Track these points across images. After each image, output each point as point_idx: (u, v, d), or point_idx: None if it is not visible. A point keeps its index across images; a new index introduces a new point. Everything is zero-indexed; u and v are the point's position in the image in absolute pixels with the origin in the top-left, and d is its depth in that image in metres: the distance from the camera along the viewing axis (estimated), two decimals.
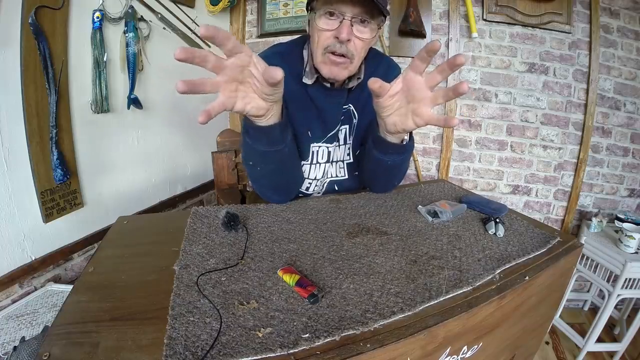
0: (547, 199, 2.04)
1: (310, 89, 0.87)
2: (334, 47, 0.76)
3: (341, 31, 0.73)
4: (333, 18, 0.74)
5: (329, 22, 0.75)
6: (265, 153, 0.72)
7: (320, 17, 0.75)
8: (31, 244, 1.15)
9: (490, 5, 1.81)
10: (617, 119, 1.92)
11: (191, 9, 1.77)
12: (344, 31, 0.73)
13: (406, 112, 0.67)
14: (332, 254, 0.62)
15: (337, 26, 0.74)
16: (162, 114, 1.67)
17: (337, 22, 0.74)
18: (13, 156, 1.07)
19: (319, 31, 0.77)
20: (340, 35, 0.74)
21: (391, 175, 0.89)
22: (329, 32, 0.76)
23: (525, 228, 0.75)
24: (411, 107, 0.66)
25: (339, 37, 0.74)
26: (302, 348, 0.41)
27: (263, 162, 0.76)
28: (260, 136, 0.69)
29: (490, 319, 0.54)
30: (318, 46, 0.78)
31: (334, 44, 0.76)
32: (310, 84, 0.86)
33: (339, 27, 0.74)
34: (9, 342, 0.93)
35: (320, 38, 0.77)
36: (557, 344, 1.86)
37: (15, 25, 1.02)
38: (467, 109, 1.95)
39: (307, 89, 0.87)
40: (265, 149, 0.71)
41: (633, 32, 1.83)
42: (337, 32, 0.74)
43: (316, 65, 0.82)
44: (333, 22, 0.75)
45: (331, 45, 0.76)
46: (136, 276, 0.56)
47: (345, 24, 0.73)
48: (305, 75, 0.86)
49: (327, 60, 0.79)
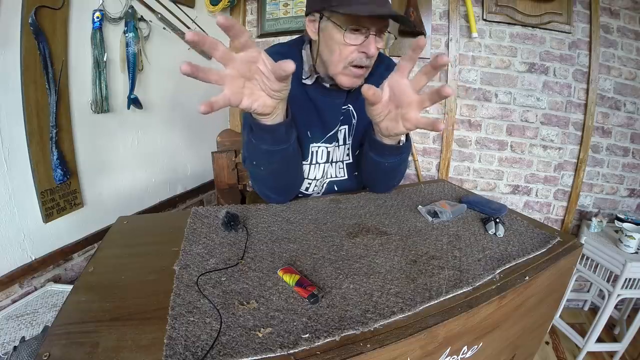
0: (547, 199, 2.04)
1: (309, 89, 0.87)
2: (360, 61, 0.78)
3: (370, 48, 0.75)
4: (357, 33, 0.75)
5: (354, 37, 0.75)
6: (270, 152, 0.72)
7: (345, 33, 0.75)
8: (31, 244, 1.15)
9: (490, 5, 1.81)
10: (617, 119, 1.92)
11: (191, 9, 1.77)
12: (372, 47, 0.75)
13: (396, 116, 0.67)
14: (332, 254, 0.62)
15: (363, 41, 0.76)
16: (162, 114, 1.67)
17: (362, 37, 0.75)
18: (13, 156, 1.07)
19: (342, 45, 0.77)
20: (369, 51, 0.76)
21: (390, 176, 0.89)
22: (353, 47, 0.76)
23: (525, 228, 0.75)
24: (400, 112, 0.66)
25: (367, 52, 0.76)
26: (302, 348, 0.41)
27: (267, 161, 0.75)
28: (266, 135, 0.69)
29: (490, 319, 0.54)
30: (340, 59, 0.78)
31: (360, 59, 0.77)
32: (310, 84, 0.86)
33: (366, 43, 0.75)
34: (9, 342, 0.93)
35: (344, 52, 0.77)
36: (557, 344, 1.86)
37: (15, 25, 1.02)
38: (467, 109, 1.95)
39: (307, 89, 0.87)
40: (270, 148, 0.71)
41: (633, 32, 1.83)
42: (364, 48, 0.76)
43: (333, 75, 0.82)
44: (357, 37, 0.75)
45: (357, 60, 0.77)
46: (136, 276, 0.56)
47: (371, 39, 0.75)
48: (305, 76, 0.86)
49: (349, 73, 0.80)
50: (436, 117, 1.98)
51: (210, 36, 0.49)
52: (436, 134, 2.00)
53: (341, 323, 0.45)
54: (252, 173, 0.81)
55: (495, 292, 0.54)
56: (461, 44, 1.88)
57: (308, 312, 0.47)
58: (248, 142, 0.73)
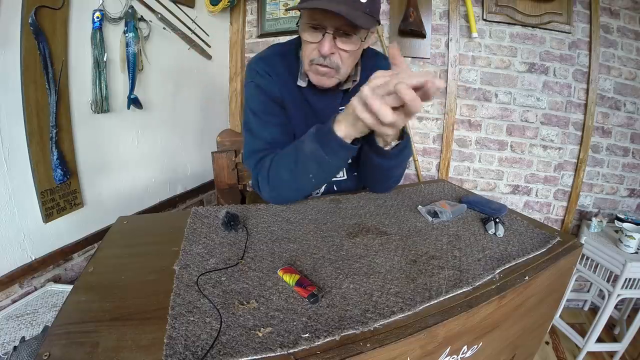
0: (547, 199, 2.04)
1: (305, 90, 0.88)
2: (317, 60, 0.77)
3: (322, 46, 0.73)
4: (316, 31, 0.74)
5: (312, 34, 0.75)
6: (336, 167, 0.74)
7: (304, 29, 0.75)
8: (31, 244, 1.15)
9: (490, 5, 1.81)
10: (617, 119, 1.92)
11: (191, 9, 1.77)
12: (325, 46, 0.73)
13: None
14: (332, 254, 0.62)
15: (320, 39, 0.74)
16: (162, 114, 1.67)
17: (320, 35, 0.74)
18: (13, 156, 1.07)
19: (305, 43, 0.77)
20: (321, 50, 0.74)
21: (389, 175, 0.89)
22: (313, 45, 0.76)
23: (525, 228, 0.75)
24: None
25: (320, 50, 0.74)
26: (302, 348, 0.41)
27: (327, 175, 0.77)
28: (346, 154, 0.70)
29: (490, 318, 0.54)
30: (305, 57, 0.79)
31: (317, 58, 0.76)
32: (304, 86, 0.86)
33: (321, 41, 0.74)
34: (9, 342, 0.93)
35: (306, 50, 0.78)
36: (557, 344, 1.86)
37: (15, 25, 1.02)
38: (467, 109, 1.95)
39: (303, 90, 0.88)
40: (342, 165, 0.73)
41: (633, 32, 1.83)
42: (319, 46, 0.74)
43: (305, 71, 0.83)
44: (316, 35, 0.75)
45: (315, 59, 0.77)
46: (136, 276, 0.56)
47: (327, 38, 0.73)
48: (300, 78, 0.87)
49: (314, 70, 0.80)
50: (436, 117, 1.98)
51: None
52: (436, 134, 2.00)
53: (341, 323, 0.45)
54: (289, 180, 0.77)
55: (495, 292, 0.54)
56: (461, 44, 1.88)
57: (308, 312, 0.47)
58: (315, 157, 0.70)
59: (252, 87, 0.86)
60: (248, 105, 0.87)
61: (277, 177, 0.79)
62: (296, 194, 0.82)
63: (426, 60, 1.92)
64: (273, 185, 0.80)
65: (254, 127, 0.86)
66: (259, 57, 0.89)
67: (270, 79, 0.85)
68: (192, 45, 1.78)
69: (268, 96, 0.85)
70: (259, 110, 0.85)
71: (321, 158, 0.70)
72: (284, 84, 0.86)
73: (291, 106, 0.87)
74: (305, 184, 0.78)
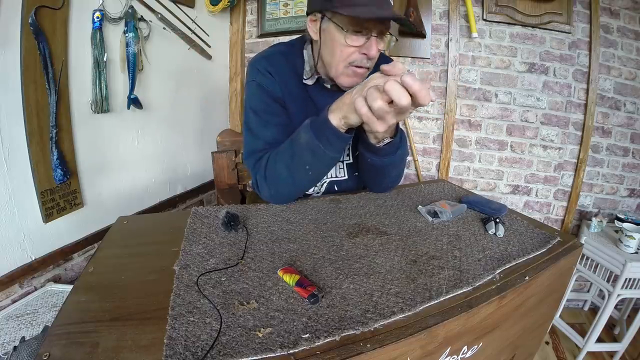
0: (547, 199, 2.04)
1: (310, 89, 0.87)
2: (360, 62, 0.78)
3: (371, 49, 0.76)
4: (359, 35, 0.76)
5: (355, 38, 0.76)
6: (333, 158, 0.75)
7: (347, 34, 0.75)
8: (31, 244, 1.15)
9: (490, 5, 1.81)
10: (617, 119, 1.92)
11: (191, 9, 1.77)
12: (374, 49, 0.76)
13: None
14: (332, 254, 0.62)
15: (364, 42, 0.76)
16: (162, 114, 1.67)
17: (364, 38, 0.76)
18: (13, 156, 1.07)
19: (343, 46, 0.77)
20: (370, 53, 0.76)
21: (384, 174, 0.88)
22: (354, 48, 0.77)
23: (525, 228, 0.75)
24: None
25: (368, 54, 0.77)
26: (302, 348, 0.41)
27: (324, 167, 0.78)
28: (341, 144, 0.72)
29: (490, 319, 0.54)
30: (341, 60, 0.79)
31: (361, 60, 0.78)
32: (311, 84, 0.86)
33: (368, 45, 0.76)
34: (9, 342, 0.93)
35: (344, 53, 0.78)
36: (557, 344, 1.86)
37: (15, 25, 1.02)
38: (467, 109, 1.95)
39: (308, 89, 0.87)
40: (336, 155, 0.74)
41: (633, 32, 1.83)
42: (366, 50, 0.76)
43: (334, 75, 0.82)
44: (359, 39, 0.76)
45: (357, 61, 0.78)
46: (136, 276, 0.56)
47: (373, 41, 0.75)
48: (306, 76, 0.86)
49: (349, 73, 0.80)
50: (436, 117, 1.98)
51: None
52: (436, 134, 2.00)
53: (341, 323, 0.45)
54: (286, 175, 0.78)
55: (495, 292, 0.54)
56: (461, 44, 1.88)
57: (308, 312, 0.47)
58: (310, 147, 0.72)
59: (254, 86, 0.86)
60: (249, 104, 0.87)
61: (274, 173, 0.79)
62: (293, 188, 0.82)
63: (426, 60, 1.92)
64: (271, 183, 0.81)
65: (254, 126, 0.86)
66: (262, 56, 0.89)
67: (272, 78, 0.85)
68: (192, 45, 1.78)
69: (269, 95, 0.85)
70: (260, 110, 0.85)
71: (316, 147, 0.71)
72: (286, 83, 0.86)
73: (293, 105, 0.87)
74: (302, 177, 0.78)
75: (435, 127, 1.99)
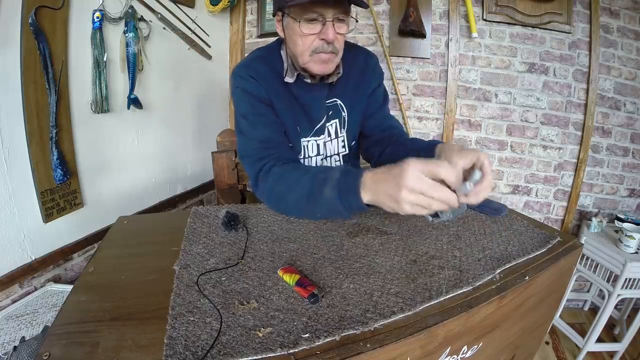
0: (547, 199, 2.04)
1: (292, 86, 0.90)
2: (322, 48, 0.80)
3: (327, 34, 0.78)
4: (314, 22, 0.78)
5: (311, 26, 0.78)
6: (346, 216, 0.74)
7: (301, 23, 0.78)
8: (31, 244, 1.15)
9: (490, 5, 1.81)
10: (617, 119, 1.92)
11: (191, 9, 1.77)
12: (330, 33, 0.77)
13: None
14: (332, 254, 0.62)
15: (321, 29, 0.78)
16: (162, 114, 1.67)
17: (319, 24, 0.78)
18: (13, 156, 1.07)
19: (302, 36, 0.79)
20: (327, 37, 0.78)
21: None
22: (313, 36, 0.79)
23: (525, 228, 0.75)
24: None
25: (326, 38, 0.78)
26: (302, 348, 0.41)
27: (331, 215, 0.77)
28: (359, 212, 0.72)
29: (490, 319, 0.54)
30: (304, 49, 0.81)
31: (322, 46, 0.80)
32: (292, 82, 0.89)
33: (324, 30, 0.78)
34: (9, 342, 0.93)
35: (305, 42, 0.80)
36: (557, 344, 1.86)
37: (15, 25, 1.02)
38: (467, 108, 1.95)
39: (290, 87, 0.90)
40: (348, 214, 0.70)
41: (633, 32, 1.82)
42: (323, 35, 0.78)
43: (303, 65, 0.84)
44: (315, 26, 0.78)
45: (319, 47, 0.80)
46: (136, 276, 0.56)
47: (328, 25, 0.77)
48: (287, 75, 0.89)
49: (316, 60, 0.82)
50: (436, 117, 1.98)
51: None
52: (436, 134, 2.00)
53: (341, 323, 0.45)
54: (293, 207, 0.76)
55: (495, 292, 0.54)
56: (461, 44, 1.88)
57: (308, 312, 0.47)
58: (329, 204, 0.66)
59: (239, 92, 0.88)
60: (238, 111, 0.89)
61: (282, 197, 0.76)
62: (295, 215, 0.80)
63: (426, 60, 1.92)
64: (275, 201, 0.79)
65: (245, 129, 0.87)
66: (242, 63, 0.91)
67: (255, 82, 0.86)
68: (192, 45, 1.78)
69: (255, 98, 0.87)
70: (249, 113, 0.87)
71: (335, 206, 0.66)
72: (269, 85, 0.88)
73: (279, 104, 0.89)
74: (309, 216, 0.78)
75: (436, 127, 1.99)
